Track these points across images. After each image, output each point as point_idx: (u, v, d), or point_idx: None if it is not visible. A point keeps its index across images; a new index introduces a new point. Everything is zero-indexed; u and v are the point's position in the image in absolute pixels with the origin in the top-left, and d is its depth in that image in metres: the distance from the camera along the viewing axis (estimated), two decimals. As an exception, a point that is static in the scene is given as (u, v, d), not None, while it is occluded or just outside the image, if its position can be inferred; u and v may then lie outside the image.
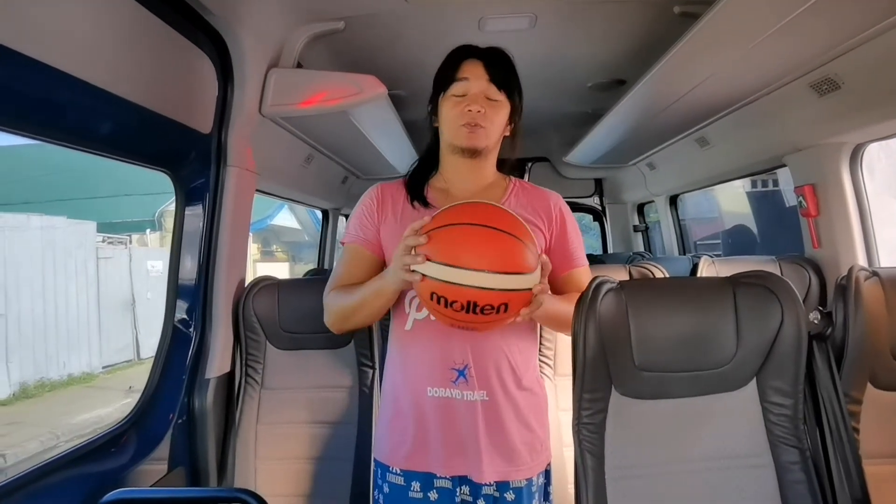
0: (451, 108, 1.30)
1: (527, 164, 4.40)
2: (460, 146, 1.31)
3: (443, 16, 2.03)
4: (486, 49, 1.34)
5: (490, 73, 1.30)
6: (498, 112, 1.31)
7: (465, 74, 1.30)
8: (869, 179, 2.12)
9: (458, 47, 1.36)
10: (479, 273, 1.08)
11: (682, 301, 1.25)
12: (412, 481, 1.31)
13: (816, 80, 1.88)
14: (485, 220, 1.14)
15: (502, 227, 1.13)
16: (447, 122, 1.32)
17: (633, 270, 2.11)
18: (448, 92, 1.31)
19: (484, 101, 1.29)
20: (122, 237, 9.53)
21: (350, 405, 1.89)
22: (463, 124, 1.28)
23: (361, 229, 1.37)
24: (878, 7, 1.45)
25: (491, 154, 1.37)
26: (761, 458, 1.21)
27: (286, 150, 2.52)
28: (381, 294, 1.27)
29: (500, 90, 1.30)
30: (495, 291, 1.09)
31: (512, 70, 1.34)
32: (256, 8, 1.77)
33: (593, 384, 1.21)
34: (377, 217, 1.37)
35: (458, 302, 1.10)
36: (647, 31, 2.16)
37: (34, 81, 1.17)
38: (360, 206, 1.41)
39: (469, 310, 1.10)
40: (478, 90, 1.29)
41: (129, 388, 6.91)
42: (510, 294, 1.11)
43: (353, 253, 1.38)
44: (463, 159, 1.33)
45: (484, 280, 1.08)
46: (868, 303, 1.31)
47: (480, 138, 1.30)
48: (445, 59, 1.35)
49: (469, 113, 1.28)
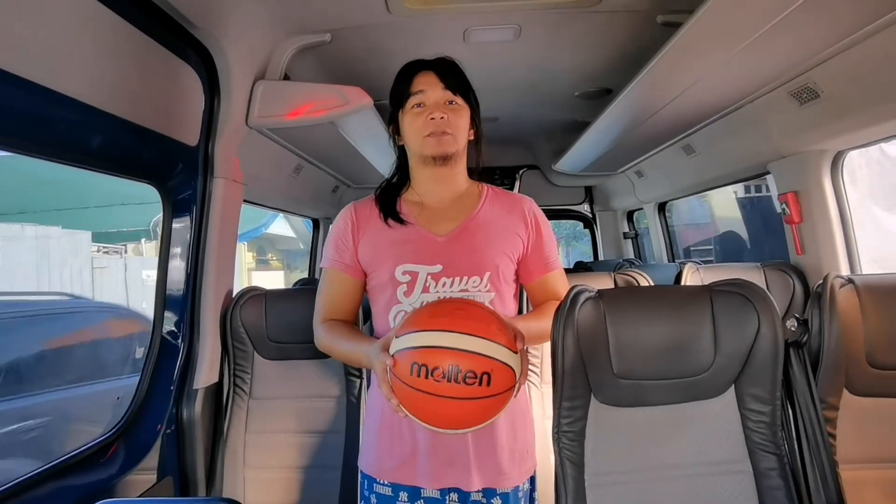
0: (412, 121, 1.32)
1: (517, 172, 4.42)
2: (430, 155, 1.32)
3: (428, 28, 2.05)
4: (434, 60, 1.36)
5: (444, 80, 1.32)
6: (460, 116, 1.33)
7: (419, 87, 1.32)
8: (852, 188, 2.15)
9: (407, 64, 1.38)
10: (461, 335, 1.07)
11: (660, 309, 1.26)
12: (399, 492, 1.32)
13: (796, 89, 1.90)
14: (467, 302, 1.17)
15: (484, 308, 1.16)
16: (412, 134, 1.33)
17: (618, 278, 2.13)
18: (406, 106, 1.33)
19: (444, 107, 1.30)
20: (118, 247, 9.49)
21: (338, 415, 1.90)
22: (428, 134, 1.30)
23: (338, 253, 1.38)
24: (853, 17, 1.48)
25: (460, 160, 1.38)
26: (740, 464, 1.23)
27: (274, 160, 2.53)
28: (362, 363, 1.29)
29: (457, 94, 1.33)
30: (478, 356, 1.06)
31: (463, 76, 1.37)
32: (242, 21, 1.78)
33: (572, 392, 1.23)
34: (352, 239, 1.37)
35: (440, 368, 1.05)
36: (631, 41, 2.18)
37: (18, 98, 1.18)
38: (334, 228, 1.42)
39: (451, 377, 1.05)
40: (436, 98, 1.31)
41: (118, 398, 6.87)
42: (493, 363, 1.07)
43: (332, 278, 1.40)
44: (434, 169, 1.34)
45: (467, 343, 1.06)
46: (843, 310, 1.33)
47: (448, 144, 1.31)
48: (397, 77, 1.37)
49: (432, 122, 1.29)
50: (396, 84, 1.36)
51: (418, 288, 1.30)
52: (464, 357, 1.06)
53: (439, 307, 1.15)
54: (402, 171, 1.44)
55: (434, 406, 1.08)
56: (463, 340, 1.06)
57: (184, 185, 1.85)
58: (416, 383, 1.07)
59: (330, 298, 1.40)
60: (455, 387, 1.05)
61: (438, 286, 1.29)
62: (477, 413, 1.10)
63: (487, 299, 1.31)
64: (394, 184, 1.44)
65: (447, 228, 1.34)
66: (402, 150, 1.42)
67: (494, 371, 1.07)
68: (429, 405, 1.09)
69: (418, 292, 1.30)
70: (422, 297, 1.29)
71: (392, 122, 1.40)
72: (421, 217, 1.36)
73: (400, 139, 1.40)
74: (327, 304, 1.39)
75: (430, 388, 1.06)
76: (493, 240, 1.34)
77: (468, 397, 1.06)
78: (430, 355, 1.06)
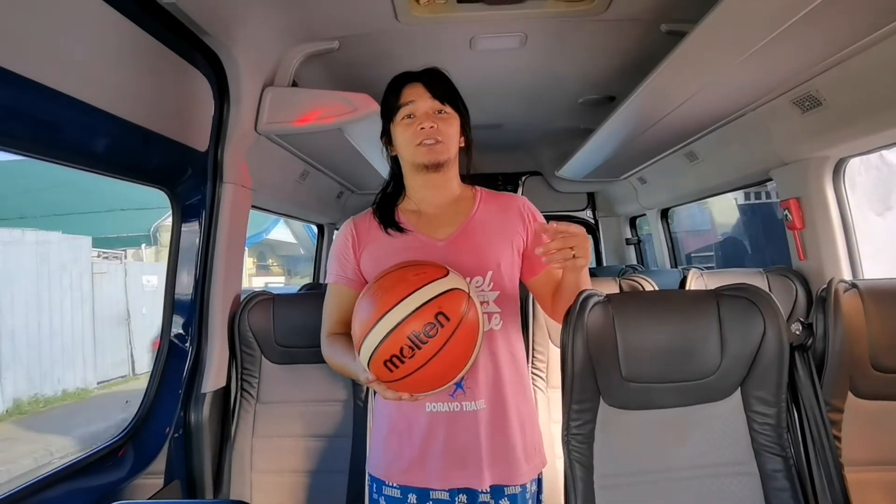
0: (403, 132, 1.35)
1: (520, 178, 4.45)
2: (423, 163, 1.35)
3: (435, 36, 2.07)
4: (422, 71, 1.39)
5: (432, 90, 1.35)
6: (450, 125, 1.36)
7: (408, 98, 1.35)
8: (851, 194, 2.17)
9: (395, 76, 1.41)
10: (393, 310, 1.10)
11: (667, 313, 1.28)
12: (409, 494, 1.32)
13: (799, 97, 1.93)
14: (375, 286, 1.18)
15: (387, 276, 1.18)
16: (404, 145, 1.36)
17: (624, 283, 2.15)
18: (396, 118, 1.37)
19: (434, 116, 1.34)
20: (118, 252, 9.50)
21: (345, 418, 1.91)
22: (419, 143, 1.33)
23: (340, 268, 1.41)
24: (856, 27, 1.50)
25: (452, 166, 1.41)
26: (746, 466, 1.24)
27: (281, 166, 2.55)
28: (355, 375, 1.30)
29: (445, 103, 1.35)
30: (418, 311, 1.09)
31: (451, 85, 1.40)
32: (252, 28, 1.81)
33: (581, 395, 1.24)
34: (354, 253, 1.40)
35: (403, 346, 1.09)
36: (635, 49, 2.21)
37: (32, 102, 1.19)
38: (336, 244, 1.45)
39: (416, 344, 1.09)
40: (425, 108, 1.34)
41: (126, 402, 6.88)
42: (433, 304, 1.10)
43: (337, 293, 1.42)
44: (428, 176, 1.37)
45: (401, 312, 1.09)
46: (847, 314, 1.35)
47: (440, 152, 1.34)
48: (386, 90, 1.40)
49: (423, 131, 1.32)
50: (386, 97, 1.40)
51: None
52: (409, 323, 1.09)
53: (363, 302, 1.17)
54: (397, 181, 1.47)
55: (429, 374, 1.12)
56: (399, 312, 1.09)
57: (193, 190, 1.87)
58: (400, 373, 1.11)
59: (334, 313, 1.42)
60: (427, 347, 1.09)
61: None
62: (463, 343, 1.13)
63: (492, 298, 1.34)
64: (389, 194, 1.46)
65: (446, 233, 1.37)
66: (395, 160, 1.45)
67: (442, 306, 1.10)
68: (425, 378, 1.13)
69: None
70: None
71: (384, 135, 1.43)
72: (420, 224, 1.39)
73: (393, 150, 1.43)
74: (332, 319, 1.42)
75: (412, 366, 1.10)
76: (491, 239, 1.36)
77: (444, 342, 1.10)
78: (387, 346, 1.09)
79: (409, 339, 1.08)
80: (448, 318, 1.10)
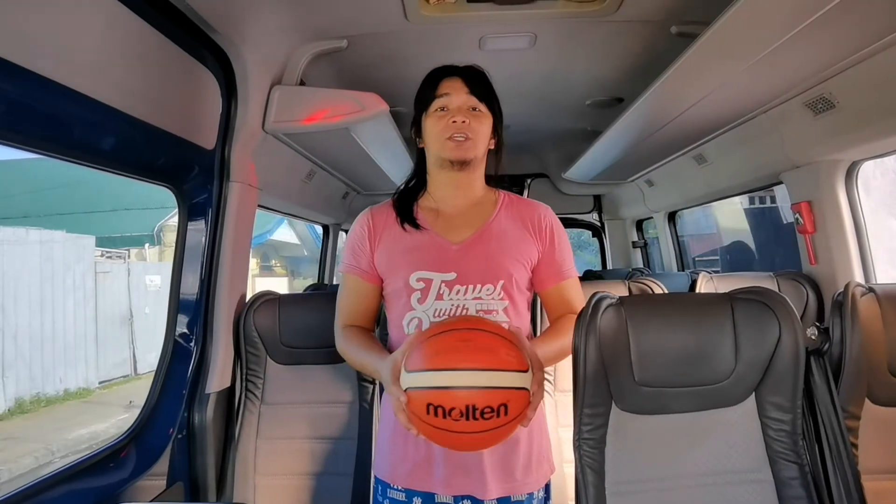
0: (435, 123, 1.33)
1: (526, 179, 4.43)
2: (449, 158, 1.32)
3: (444, 35, 2.06)
4: (463, 67, 1.37)
5: (469, 86, 1.33)
6: (482, 123, 1.33)
7: (445, 91, 1.33)
8: (865, 197, 2.14)
9: (436, 68, 1.39)
10: (473, 372, 1.05)
11: (681, 317, 1.26)
12: (413, 497, 1.31)
13: (811, 100, 1.91)
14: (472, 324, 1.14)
15: (489, 328, 1.12)
16: (433, 136, 1.34)
17: (633, 286, 2.13)
18: (430, 109, 1.34)
19: (467, 112, 1.31)
20: (121, 251, 9.53)
21: (350, 421, 1.89)
22: (449, 137, 1.30)
23: (355, 258, 1.40)
24: (870, 28, 1.48)
25: (479, 167, 1.38)
26: (761, 473, 1.21)
27: (288, 165, 2.54)
28: (376, 375, 1.29)
29: (481, 101, 1.33)
30: (493, 390, 1.05)
31: (489, 84, 1.37)
32: (260, 27, 1.80)
33: (594, 399, 1.22)
34: (369, 245, 1.38)
35: (457, 408, 1.04)
36: (644, 51, 2.19)
37: (41, 97, 1.19)
38: (352, 233, 1.43)
39: (469, 415, 1.04)
40: (459, 103, 1.32)
41: (130, 402, 6.89)
42: (508, 393, 1.05)
43: (351, 284, 1.41)
44: (452, 173, 1.35)
45: (479, 379, 1.04)
46: (864, 319, 1.33)
47: (468, 149, 1.31)
48: (424, 81, 1.38)
49: (454, 125, 1.30)
50: (422, 88, 1.38)
51: (432, 295, 1.30)
52: (479, 395, 1.04)
53: (445, 341, 1.10)
54: (420, 176, 1.44)
55: (453, 438, 1.09)
56: (475, 377, 1.04)
57: (200, 189, 1.86)
58: (434, 422, 1.07)
59: (348, 304, 1.41)
60: (473, 423, 1.04)
61: (452, 294, 1.30)
62: (495, 438, 1.10)
63: (501, 307, 1.31)
64: (411, 188, 1.44)
65: (462, 236, 1.35)
66: (420, 153, 1.43)
67: (511, 400, 1.06)
68: (447, 438, 1.09)
69: (432, 299, 1.30)
70: (435, 304, 1.30)
71: (415, 125, 1.41)
72: (437, 224, 1.37)
73: (421, 142, 1.40)
74: (346, 310, 1.41)
75: (448, 426, 1.06)
76: (507, 248, 1.34)
77: (486, 429, 1.06)
78: (444, 396, 1.05)
79: (466, 406, 1.04)
80: (506, 414, 1.06)
